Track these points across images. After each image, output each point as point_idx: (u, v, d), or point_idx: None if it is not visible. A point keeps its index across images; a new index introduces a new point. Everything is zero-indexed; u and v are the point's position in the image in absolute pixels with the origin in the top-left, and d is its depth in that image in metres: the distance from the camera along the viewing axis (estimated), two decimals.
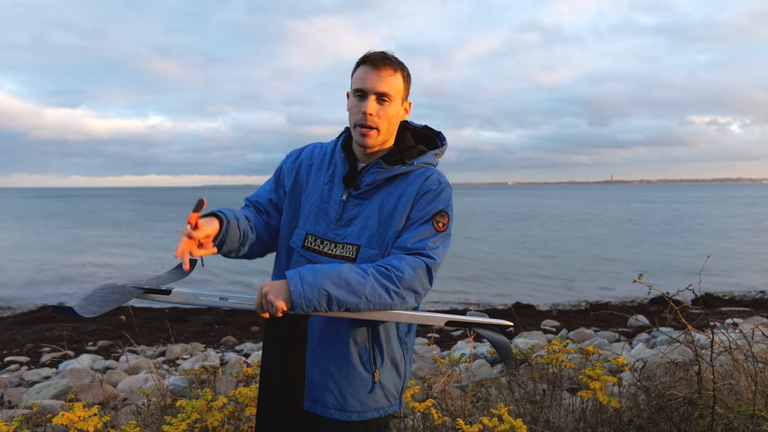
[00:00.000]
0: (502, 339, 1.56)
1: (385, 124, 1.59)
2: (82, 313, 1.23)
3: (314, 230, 1.65)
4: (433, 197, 1.59)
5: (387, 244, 1.58)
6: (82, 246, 25.30)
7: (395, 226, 1.58)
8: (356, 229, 1.60)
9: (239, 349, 8.18)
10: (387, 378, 1.64)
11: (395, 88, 1.58)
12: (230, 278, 16.11)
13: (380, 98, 1.57)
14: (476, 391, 3.42)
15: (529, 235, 30.68)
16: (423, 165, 1.64)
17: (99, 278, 16.48)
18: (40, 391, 4.96)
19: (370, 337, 1.60)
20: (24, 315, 10.92)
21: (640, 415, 2.65)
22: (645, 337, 7.53)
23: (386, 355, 1.63)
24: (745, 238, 27.60)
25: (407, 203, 1.58)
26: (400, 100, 1.61)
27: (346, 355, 1.60)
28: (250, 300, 1.47)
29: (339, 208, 1.64)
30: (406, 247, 1.54)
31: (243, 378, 3.01)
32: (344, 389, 1.60)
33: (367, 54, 1.59)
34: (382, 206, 1.60)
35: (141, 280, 1.57)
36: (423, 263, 1.52)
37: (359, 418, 1.61)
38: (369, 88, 1.56)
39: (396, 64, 1.59)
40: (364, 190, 1.62)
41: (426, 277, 1.53)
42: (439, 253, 1.56)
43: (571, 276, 16.74)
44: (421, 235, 1.55)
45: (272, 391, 1.52)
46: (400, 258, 1.51)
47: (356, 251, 1.58)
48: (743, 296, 13.13)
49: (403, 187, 1.61)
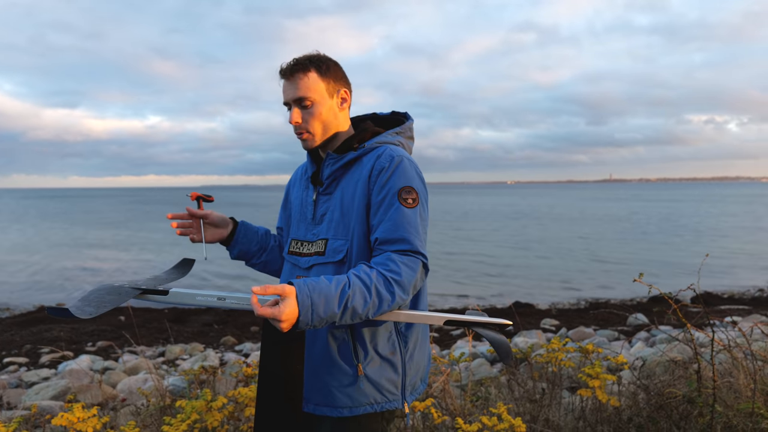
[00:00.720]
0: (501, 338, 1.55)
1: (317, 125, 1.62)
2: (78, 315, 1.22)
3: (296, 235, 1.72)
4: (389, 175, 1.55)
5: (352, 232, 1.58)
6: (80, 246, 25.29)
7: (357, 211, 1.57)
8: (325, 224, 1.64)
9: (239, 349, 8.18)
10: (375, 372, 1.60)
11: (312, 88, 1.59)
12: (229, 279, 16.11)
13: (301, 104, 1.61)
14: (476, 390, 3.42)
15: (528, 234, 30.70)
16: (376, 144, 1.64)
17: (97, 279, 16.48)
18: (39, 392, 4.96)
19: (348, 331, 1.58)
20: (23, 316, 10.91)
21: (640, 414, 2.65)
22: (644, 335, 7.54)
23: (371, 349, 1.60)
24: (742, 236, 27.63)
25: (364, 186, 1.58)
26: (325, 96, 1.62)
27: (327, 350, 1.59)
28: (248, 300, 1.47)
29: (312, 208, 1.69)
30: (389, 239, 1.50)
31: (242, 378, 3.00)
32: (329, 384, 1.60)
33: (280, 66, 1.63)
34: (344, 195, 1.62)
35: (138, 281, 1.56)
36: (419, 262, 1.49)
37: (351, 413, 1.59)
38: (288, 99, 1.62)
39: (307, 63, 1.60)
40: (327, 185, 1.66)
41: (423, 273, 1.52)
42: (423, 241, 1.54)
43: (570, 275, 16.75)
44: (396, 220, 1.51)
45: (271, 391, 1.52)
46: (394, 259, 1.47)
47: (324, 244, 1.61)
48: (742, 294, 13.14)
49: (358, 171, 1.61)
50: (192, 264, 1.87)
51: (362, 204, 1.57)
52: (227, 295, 1.45)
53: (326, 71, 1.63)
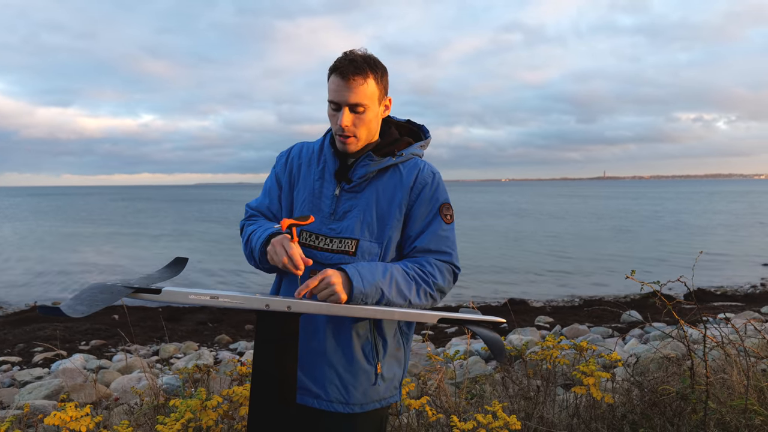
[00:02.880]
0: (494, 336, 1.56)
1: (364, 131, 1.61)
2: (70, 314, 1.21)
3: (308, 226, 1.66)
4: (433, 190, 1.65)
5: (387, 237, 1.61)
6: (72, 244, 25.14)
7: (394, 218, 1.62)
8: (353, 223, 1.62)
9: (233, 347, 8.16)
10: (388, 369, 1.67)
11: (368, 95, 1.56)
12: (223, 277, 16.06)
13: (354, 109, 1.57)
14: (471, 388, 3.43)
15: (521, 231, 30.77)
16: (411, 156, 1.69)
17: (91, 276, 16.39)
18: (32, 392, 4.93)
19: (372, 330, 1.63)
20: (15, 315, 10.84)
21: (634, 411, 2.66)
22: (638, 332, 7.58)
23: (388, 347, 1.66)
24: (730, 233, 27.79)
25: (404, 195, 1.63)
26: (376, 103, 1.61)
27: (350, 348, 1.61)
28: (242, 298, 1.46)
29: (332, 203, 1.65)
30: (430, 249, 1.62)
31: (237, 377, 2.99)
32: (348, 383, 1.62)
33: (336, 63, 1.57)
34: (379, 199, 1.62)
35: (131, 279, 1.55)
36: (453, 271, 1.65)
37: (362, 410, 1.64)
38: (342, 101, 1.56)
39: (366, 68, 1.56)
40: (357, 183, 1.64)
41: (453, 281, 1.67)
42: (457, 252, 1.67)
43: (564, 271, 16.81)
44: (438, 233, 1.63)
45: (264, 390, 1.51)
46: (432, 263, 1.61)
47: (355, 245, 1.60)
48: (735, 291, 13.22)
49: (397, 178, 1.64)
50: (185, 263, 1.86)
51: (400, 212, 1.63)
52: (220, 293, 1.44)
53: (382, 79, 1.62)
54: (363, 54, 1.58)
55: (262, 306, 1.47)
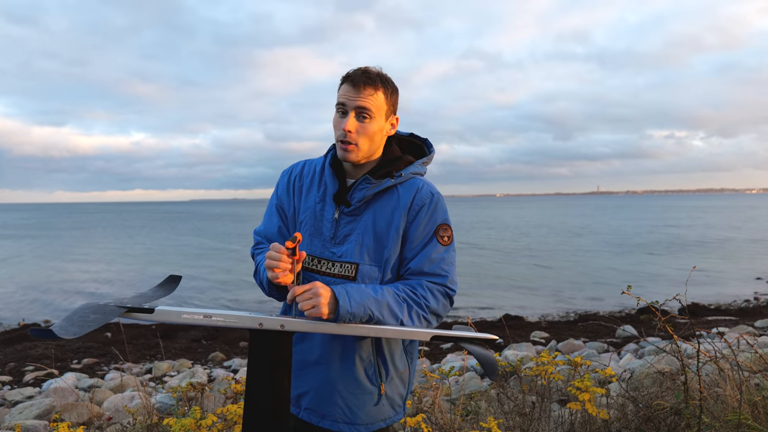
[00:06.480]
0: (487, 353, 1.56)
1: (366, 142, 1.59)
2: (62, 335, 1.21)
3: (310, 250, 1.66)
4: (430, 212, 1.62)
5: (386, 260, 1.61)
6: (64, 262, 24.96)
7: (391, 241, 1.61)
8: (352, 246, 1.61)
9: (227, 365, 8.08)
10: (392, 389, 1.68)
11: (376, 105, 1.57)
12: (216, 295, 15.96)
13: (360, 114, 1.57)
14: (466, 405, 3.41)
15: (517, 246, 30.79)
16: (411, 176, 1.66)
17: (82, 294, 16.24)
18: (22, 412, 4.86)
19: (374, 352, 1.63)
20: (6, 333, 10.70)
21: (629, 426, 2.66)
22: (633, 347, 7.56)
23: (391, 368, 1.66)
24: (731, 247, 27.91)
25: (401, 217, 1.61)
26: (382, 117, 1.61)
27: (352, 370, 1.62)
28: (235, 317, 1.46)
29: (332, 227, 1.64)
30: (424, 271, 1.60)
31: (231, 395, 2.97)
32: (351, 404, 1.63)
33: (349, 72, 1.59)
34: (376, 222, 1.61)
35: (124, 299, 1.55)
36: (447, 293, 1.62)
37: (367, 429, 1.65)
38: (349, 104, 1.57)
39: (378, 81, 1.58)
40: (355, 207, 1.62)
41: (449, 304, 1.64)
42: (455, 276, 1.65)
43: (559, 287, 16.81)
44: (432, 255, 1.61)
45: (257, 408, 1.50)
46: (424, 285, 1.59)
47: (355, 269, 1.60)
48: (729, 305, 13.24)
49: (395, 200, 1.62)
50: (179, 281, 1.86)
51: (398, 234, 1.61)
52: (213, 312, 1.44)
53: (391, 95, 1.62)
54: (377, 70, 1.60)
55: (255, 324, 1.46)
